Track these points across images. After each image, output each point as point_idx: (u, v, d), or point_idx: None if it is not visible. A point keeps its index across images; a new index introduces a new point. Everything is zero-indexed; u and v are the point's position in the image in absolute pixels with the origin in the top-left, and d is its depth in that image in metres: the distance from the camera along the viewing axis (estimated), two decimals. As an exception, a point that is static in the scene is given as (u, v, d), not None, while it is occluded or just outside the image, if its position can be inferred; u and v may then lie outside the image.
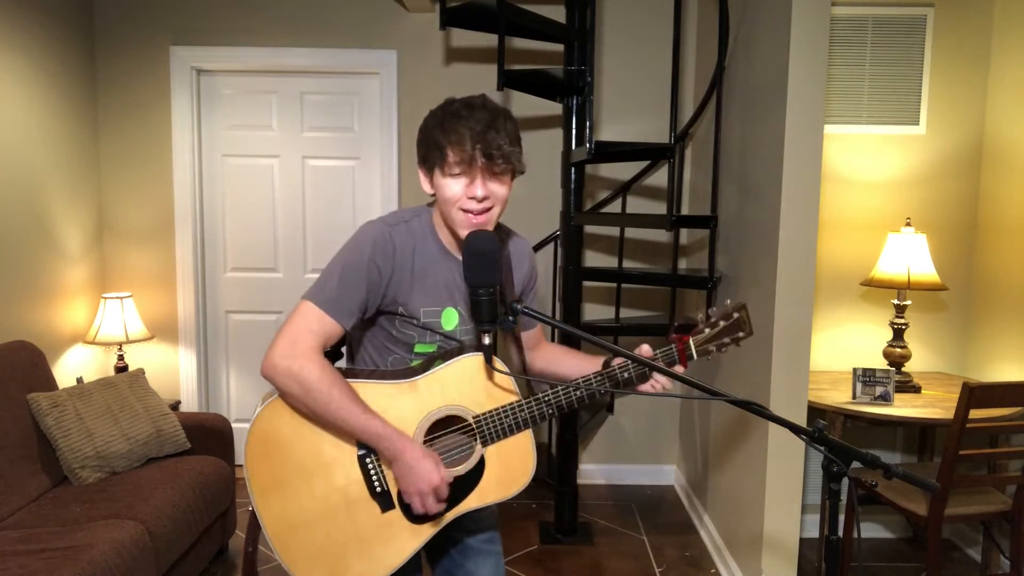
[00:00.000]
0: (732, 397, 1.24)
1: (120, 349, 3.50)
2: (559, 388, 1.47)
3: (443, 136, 1.37)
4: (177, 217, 3.76)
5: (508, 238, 1.64)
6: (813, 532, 3.23)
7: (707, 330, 1.52)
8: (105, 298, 3.48)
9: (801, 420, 2.51)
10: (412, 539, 1.47)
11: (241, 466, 3.88)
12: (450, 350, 1.51)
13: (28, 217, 3.15)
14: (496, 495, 1.48)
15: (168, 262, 3.79)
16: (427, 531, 1.47)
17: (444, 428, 1.50)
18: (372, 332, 1.53)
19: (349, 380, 1.43)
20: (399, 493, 1.45)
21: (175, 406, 3.56)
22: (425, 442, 1.47)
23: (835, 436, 2.17)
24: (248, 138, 3.86)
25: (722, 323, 1.52)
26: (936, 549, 2.49)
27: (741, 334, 1.53)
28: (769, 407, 2.16)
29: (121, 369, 3.46)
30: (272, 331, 3.95)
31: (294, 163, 3.88)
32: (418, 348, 1.51)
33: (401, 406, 1.45)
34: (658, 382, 1.51)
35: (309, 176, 3.89)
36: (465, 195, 1.39)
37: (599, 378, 1.48)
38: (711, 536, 3.20)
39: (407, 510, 1.46)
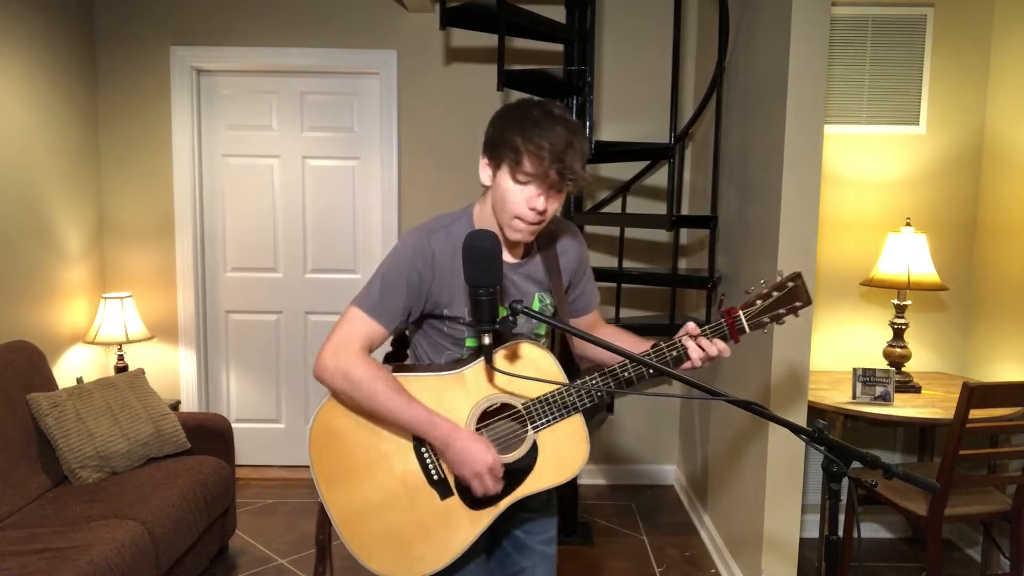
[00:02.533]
0: (732, 397, 1.24)
1: (120, 349, 3.50)
2: (607, 370, 1.48)
3: (523, 143, 1.37)
4: (177, 217, 3.76)
5: (555, 226, 1.63)
6: (813, 532, 3.23)
7: (758, 302, 1.49)
8: (105, 298, 3.48)
9: (801, 420, 2.51)
10: (472, 525, 1.51)
11: (241, 466, 3.89)
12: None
13: (28, 217, 3.15)
14: (551, 480, 1.51)
15: (168, 262, 3.79)
16: (486, 517, 1.51)
17: (495, 416, 1.53)
18: (425, 331, 1.58)
19: (399, 374, 1.49)
20: (456, 480, 1.50)
21: (175, 406, 3.56)
22: (477, 430, 1.50)
23: (835, 436, 2.17)
24: (248, 138, 3.86)
25: (775, 294, 1.49)
26: (936, 549, 2.49)
27: (799, 304, 1.50)
28: (769, 407, 2.16)
29: (121, 369, 3.46)
30: (273, 331, 3.96)
31: (294, 163, 3.87)
32: (469, 343, 1.55)
33: (451, 397, 1.49)
34: (709, 350, 1.48)
35: (309, 176, 3.89)
36: (527, 204, 1.41)
37: (640, 360, 1.45)
38: (711, 536, 3.20)
39: (465, 497, 1.50)
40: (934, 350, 3.31)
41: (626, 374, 1.47)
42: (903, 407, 2.73)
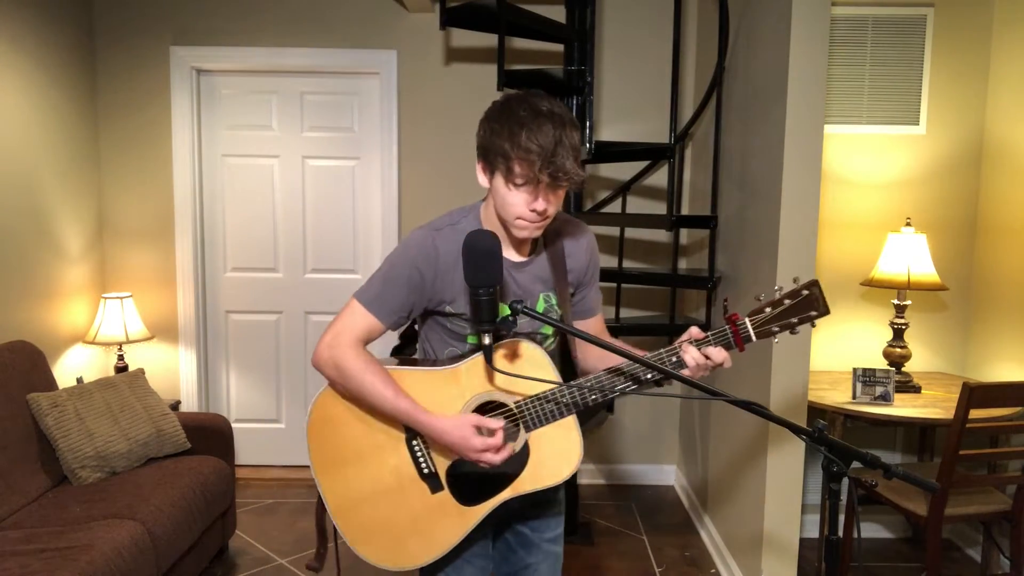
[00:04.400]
0: (732, 397, 1.24)
1: (120, 349, 3.50)
2: (601, 374, 1.46)
3: (511, 148, 1.35)
4: (177, 217, 3.76)
5: (564, 227, 1.61)
6: (813, 532, 3.23)
7: (768, 309, 1.41)
8: (105, 298, 3.48)
9: (801, 420, 2.51)
10: (462, 520, 1.51)
11: (241, 466, 3.89)
12: (502, 338, 1.52)
13: (28, 217, 3.15)
14: (544, 480, 1.50)
15: (168, 262, 3.79)
16: (477, 513, 1.51)
17: (488, 414, 1.52)
18: (430, 326, 1.59)
19: (398, 368, 1.50)
20: (447, 474, 1.51)
21: (175, 406, 3.56)
22: None
23: (835, 436, 2.17)
24: (248, 138, 3.86)
25: (787, 301, 1.40)
26: (936, 549, 2.49)
27: (814, 312, 1.40)
28: (769, 407, 2.16)
29: (121, 369, 3.46)
30: (273, 331, 3.96)
31: (294, 163, 3.87)
32: (471, 340, 1.55)
33: (444, 392, 1.49)
34: (710, 360, 1.44)
35: (309, 176, 3.89)
36: (526, 207, 1.40)
37: (641, 360, 1.43)
38: (711, 536, 3.20)
39: (455, 491, 1.51)
40: (934, 350, 3.31)
41: (622, 378, 1.44)
42: (903, 407, 2.73)
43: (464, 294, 1.49)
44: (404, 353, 1.73)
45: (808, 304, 1.41)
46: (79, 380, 3.16)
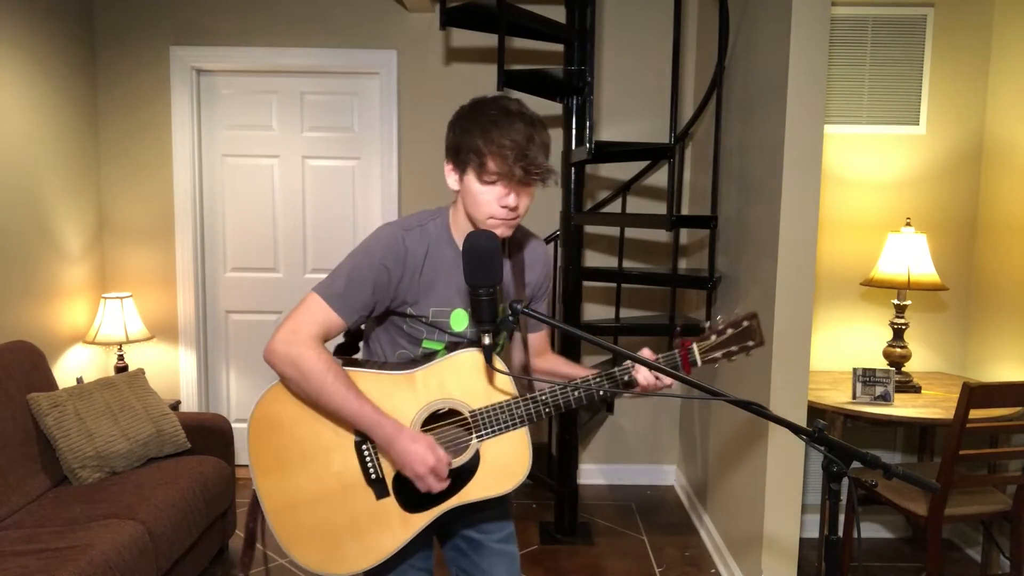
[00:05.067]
0: (732, 397, 1.24)
1: (120, 349, 3.50)
2: (556, 387, 1.48)
3: (484, 144, 1.37)
4: (177, 217, 3.76)
5: (525, 239, 1.65)
6: (813, 532, 3.23)
7: (713, 337, 1.50)
8: (105, 298, 3.48)
9: (801, 420, 2.51)
10: (405, 528, 1.49)
11: (242, 466, 3.88)
12: (455, 346, 1.53)
13: (28, 217, 3.15)
14: (491, 490, 1.50)
15: (168, 262, 3.79)
16: (420, 521, 1.49)
17: (441, 421, 1.52)
18: (384, 327, 1.56)
19: (350, 369, 1.47)
20: (394, 481, 1.48)
21: (175, 406, 3.56)
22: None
23: (835, 436, 2.17)
24: (248, 138, 3.86)
25: (730, 331, 1.49)
26: (936, 549, 2.49)
27: (751, 343, 1.50)
28: (769, 407, 2.16)
29: (121, 369, 3.46)
30: (272, 331, 3.94)
31: (294, 163, 3.88)
32: (426, 344, 1.54)
33: (399, 397, 1.48)
34: (660, 381, 1.50)
35: (309, 176, 3.89)
36: (498, 203, 1.41)
37: (597, 379, 1.50)
38: (711, 536, 3.20)
39: (401, 499, 1.49)
40: (934, 350, 3.31)
41: (576, 393, 1.48)
42: (903, 407, 2.73)
43: (426, 297, 1.50)
44: (348, 352, 1.69)
45: (747, 334, 1.50)
46: (79, 380, 3.16)
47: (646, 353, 1.50)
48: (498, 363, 1.45)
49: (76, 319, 3.50)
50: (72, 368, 3.44)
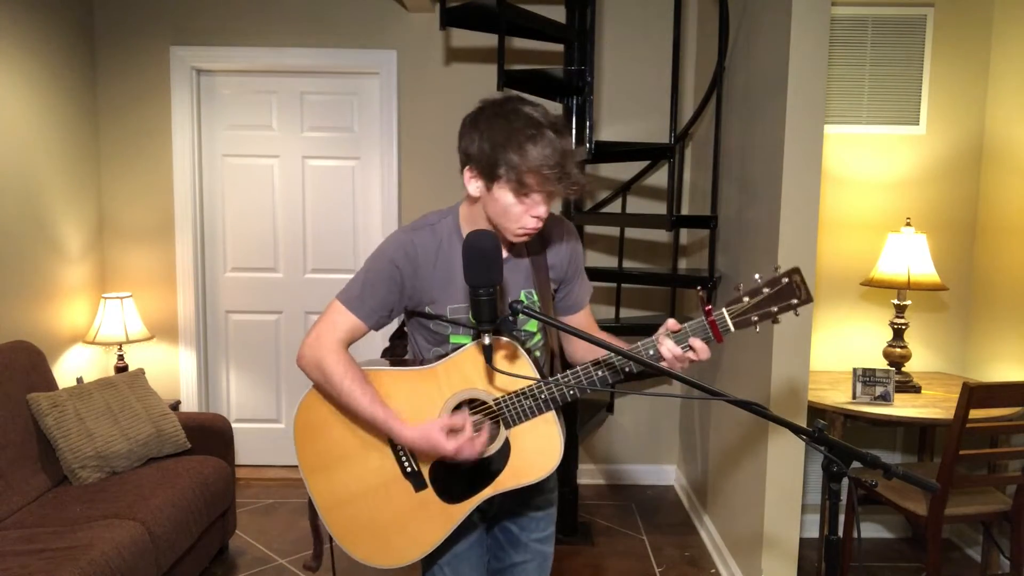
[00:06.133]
0: (732, 397, 1.24)
1: (120, 349, 3.50)
2: (579, 368, 1.46)
3: (522, 161, 1.35)
4: (177, 217, 3.76)
5: (543, 227, 1.57)
6: (813, 532, 3.23)
7: (746, 298, 1.35)
8: (105, 298, 3.48)
9: (801, 420, 2.51)
10: (446, 518, 1.52)
11: (241, 466, 3.89)
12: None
13: (28, 217, 3.15)
14: (526, 476, 1.50)
15: (168, 262, 3.79)
16: (461, 510, 1.52)
17: (469, 411, 1.53)
18: (416, 328, 1.60)
19: (375, 368, 1.52)
20: (430, 472, 1.52)
21: (175, 406, 3.56)
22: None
23: (835, 436, 2.17)
24: (248, 138, 3.86)
25: (766, 290, 1.34)
26: (936, 549, 2.49)
27: (795, 300, 1.34)
28: (769, 407, 2.16)
29: (121, 369, 3.46)
30: (273, 331, 3.96)
31: (294, 163, 3.87)
32: (453, 339, 1.56)
33: (424, 391, 1.51)
34: (688, 353, 1.39)
35: (309, 176, 3.89)
36: (528, 214, 1.42)
37: (615, 359, 1.43)
38: (711, 536, 3.20)
39: (439, 489, 1.52)
40: (934, 350, 3.31)
41: (601, 370, 1.43)
42: (903, 407, 2.73)
43: (443, 295, 1.52)
44: (395, 353, 1.73)
45: (789, 292, 1.34)
46: (79, 380, 3.16)
47: (671, 323, 1.42)
48: (498, 363, 1.45)
49: (76, 319, 3.50)
50: (72, 368, 3.44)
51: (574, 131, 3.14)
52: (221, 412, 3.96)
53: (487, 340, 1.38)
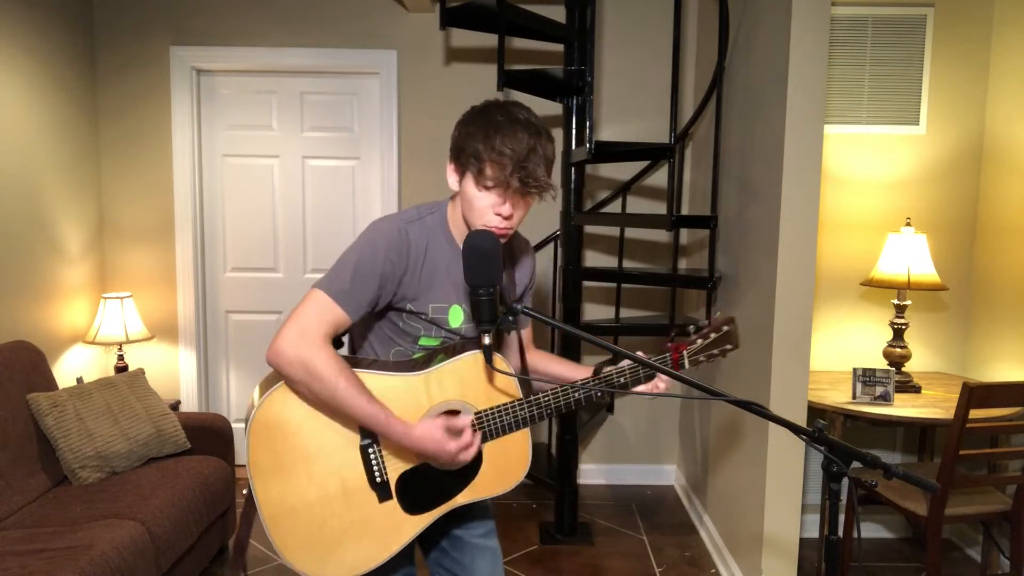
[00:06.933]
0: (732, 397, 1.24)
1: (120, 349, 3.50)
2: (558, 389, 1.48)
3: (485, 150, 1.37)
4: (177, 217, 3.76)
5: (514, 243, 1.66)
6: (813, 532, 3.23)
7: (699, 341, 1.55)
8: (105, 298, 3.48)
9: (801, 420, 2.51)
10: (408, 529, 1.50)
11: (242, 466, 3.88)
12: (452, 345, 1.54)
13: (28, 217, 3.15)
14: (492, 489, 1.52)
15: (168, 262, 3.79)
16: (422, 521, 1.50)
17: None
18: (379, 324, 1.54)
19: (357, 370, 1.45)
20: (397, 483, 1.48)
21: (175, 406, 3.56)
22: None
23: (835, 436, 2.17)
24: (248, 138, 3.86)
25: (713, 335, 1.55)
26: (936, 549, 2.49)
27: (729, 347, 1.56)
28: (769, 407, 2.17)
29: (121, 369, 3.46)
30: (273, 331, 3.95)
31: (294, 163, 3.88)
32: (423, 341, 1.54)
33: (406, 398, 1.47)
34: (659, 383, 1.54)
35: (309, 176, 3.89)
36: (492, 211, 1.41)
37: (596, 381, 1.52)
38: (711, 536, 3.20)
39: (404, 501, 1.49)
40: (934, 350, 3.31)
41: (577, 395, 1.49)
42: (903, 407, 2.73)
43: (426, 293, 1.49)
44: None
45: (726, 338, 1.55)
46: (79, 380, 3.16)
47: (639, 356, 1.50)
48: (499, 363, 1.46)
49: (76, 319, 3.50)
50: (72, 368, 3.44)
51: (574, 131, 3.14)
52: (221, 412, 3.96)
53: (487, 340, 1.38)
